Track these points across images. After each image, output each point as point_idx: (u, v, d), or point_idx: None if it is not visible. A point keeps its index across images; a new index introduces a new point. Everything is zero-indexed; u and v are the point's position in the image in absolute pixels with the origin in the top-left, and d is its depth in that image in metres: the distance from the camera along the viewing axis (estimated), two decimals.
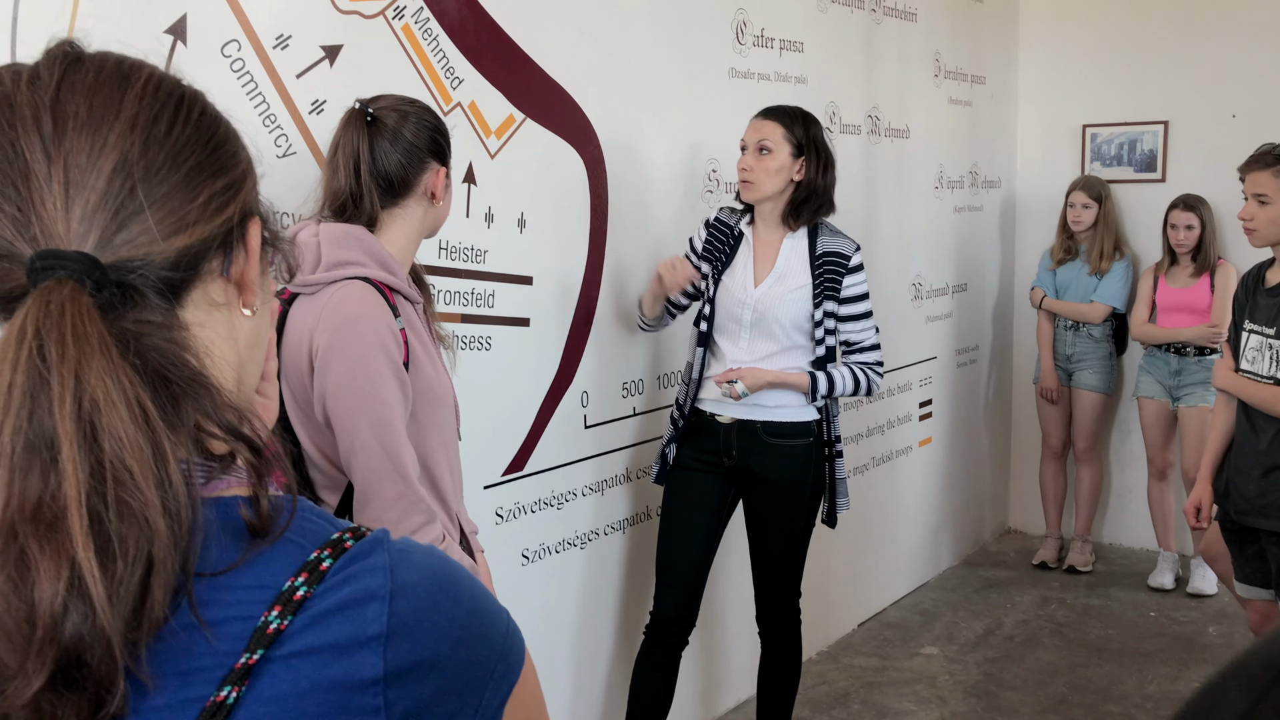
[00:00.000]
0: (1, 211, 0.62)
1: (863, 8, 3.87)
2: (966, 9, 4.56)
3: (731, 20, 3.26)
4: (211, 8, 1.97)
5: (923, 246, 4.37)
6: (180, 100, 0.68)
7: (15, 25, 1.71)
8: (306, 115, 2.14)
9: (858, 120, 3.89)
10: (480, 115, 2.52)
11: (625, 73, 2.89)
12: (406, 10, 2.32)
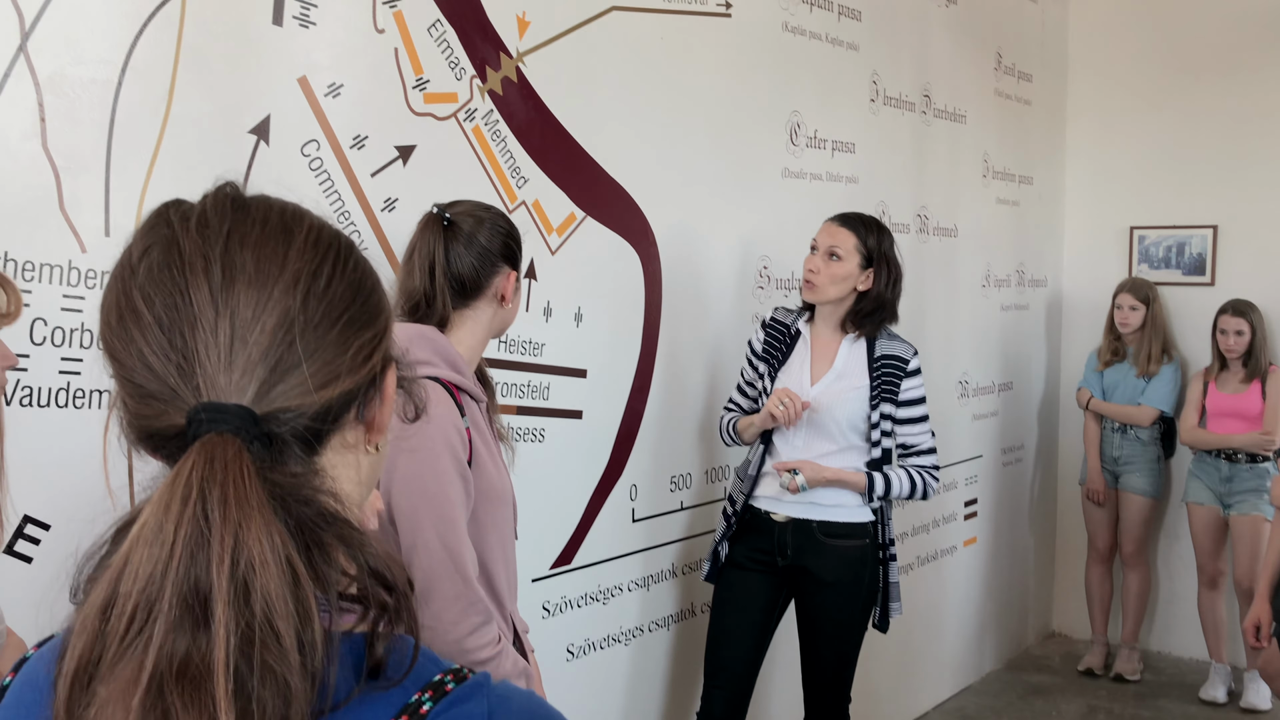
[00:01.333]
0: (168, 357, 0.65)
1: (913, 110, 3.93)
2: (1015, 111, 4.62)
3: (786, 122, 3.32)
4: (294, 109, 2.04)
5: (969, 344, 4.37)
6: (337, 253, 0.71)
7: (113, 124, 1.77)
8: (379, 212, 2.20)
9: (907, 219, 3.93)
10: (543, 213, 2.57)
11: (682, 172, 2.94)
12: (478, 113, 2.39)
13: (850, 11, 3.55)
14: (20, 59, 1.66)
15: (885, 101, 3.76)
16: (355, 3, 2.13)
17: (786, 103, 3.31)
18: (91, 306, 1.75)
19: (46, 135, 1.69)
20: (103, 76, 1.76)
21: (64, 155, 1.71)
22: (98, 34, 1.75)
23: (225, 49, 1.92)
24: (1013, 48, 4.57)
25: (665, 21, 2.86)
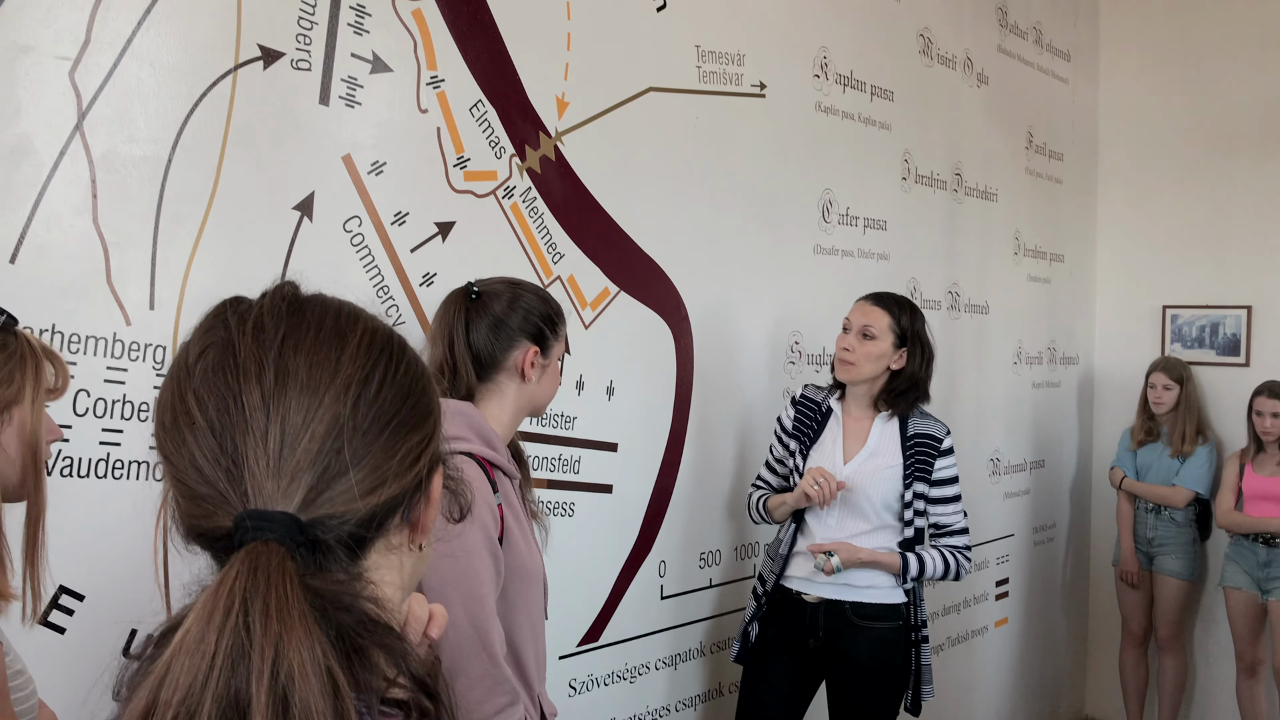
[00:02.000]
0: (218, 461, 0.66)
1: (945, 188, 3.95)
2: (1046, 189, 4.64)
3: (818, 199, 3.35)
4: (338, 186, 2.07)
5: (1001, 422, 4.34)
6: (390, 358, 0.72)
7: (161, 200, 1.81)
8: (417, 287, 2.23)
9: (938, 295, 3.93)
10: (577, 288, 2.59)
11: (716, 247, 2.96)
12: (516, 190, 2.43)
13: (883, 92, 3.59)
14: (76, 137, 1.70)
15: (917, 179, 3.79)
16: (400, 83, 2.18)
17: (819, 180, 3.34)
18: (134, 378, 1.78)
19: (98, 211, 1.73)
20: (154, 154, 1.80)
21: (113, 230, 1.75)
22: (151, 113, 1.79)
23: (273, 128, 1.96)
24: (1044, 127, 4.61)
25: (700, 101, 2.91)
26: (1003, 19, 4.29)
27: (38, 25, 1.66)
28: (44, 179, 1.67)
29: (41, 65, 1.66)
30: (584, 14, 2.56)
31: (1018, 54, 4.40)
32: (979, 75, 4.14)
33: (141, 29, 1.78)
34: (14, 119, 1.64)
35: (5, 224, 1.64)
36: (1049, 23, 4.63)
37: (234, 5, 1.90)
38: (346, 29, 2.07)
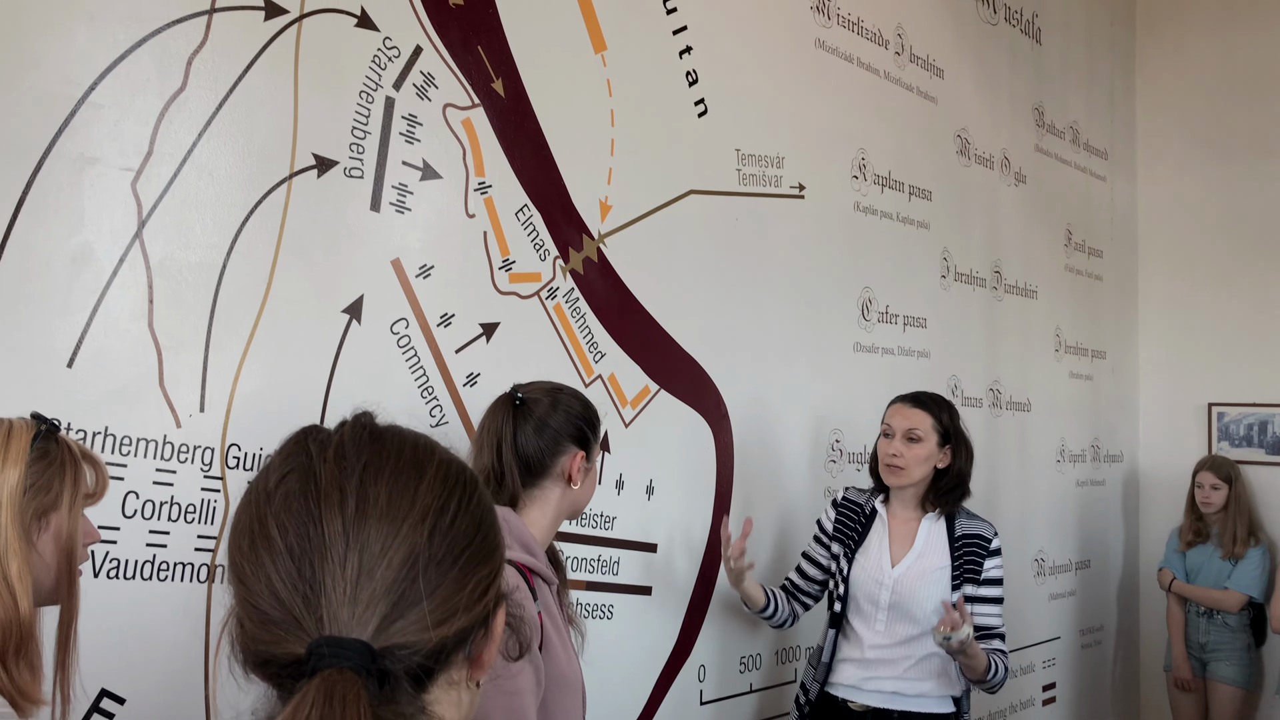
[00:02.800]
0: (295, 586, 0.67)
1: (984, 285, 3.96)
2: (1087, 286, 4.63)
3: (858, 298, 3.36)
4: (386, 289, 2.11)
5: (1045, 521, 4.27)
6: (464, 489, 0.73)
7: (214, 305, 1.85)
8: (461, 387, 2.25)
9: (979, 393, 3.90)
10: (618, 386, 2.60)
11: (755, 346, 2.97)
12: (559, 291, 2.46)
13: (921, 191, 3.63)
14: (136, 245, 1.75)
15: (956, 277, 3.80)
16: (449, 189, 2.23)
17: (859, 279, 3.36)
18: (182, 480, 1.80)
19: (153, 316, 1.77)
20: (209, 260, 1.85)
21: (167, 335, 1.78)
22: (207, 221, 1.85)
23: (325, 233, 2.01)
24: (1083, 224, 4.61)
25: (740, 203, 2.94)
26: (1039, 119, 4.33)
27: (104, 138, 1.72)
28: (103, 285, 1.72)
29: (106, 176, 1.72)
30: (627, 120, 2.62)
31: (1055, 153, 4.43)
32: (1017, 174, 4.17)
33: (202, 140, 1.84)
34: (78, 228, 1.69)
35: (65, 329, 1.68)
36: (1086, 122, 4.67)
37: (291, 116, 1.96)
38: (398, 138, 2.13)
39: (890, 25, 3.50)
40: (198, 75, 1.83)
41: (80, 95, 1.70)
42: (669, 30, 2.74)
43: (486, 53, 2.32)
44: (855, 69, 3.36)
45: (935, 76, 3.72)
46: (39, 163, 1.65)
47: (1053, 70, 4.45)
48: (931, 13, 3.71)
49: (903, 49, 3.56)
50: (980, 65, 3.98)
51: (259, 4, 1.92)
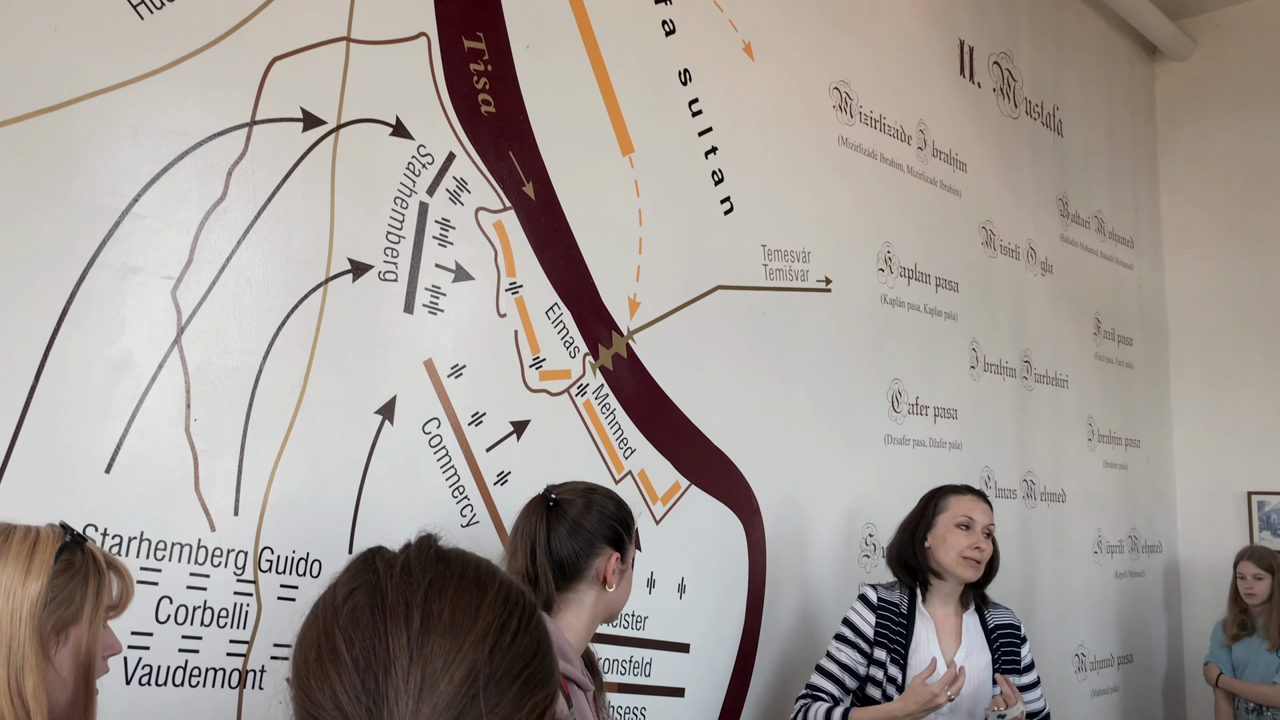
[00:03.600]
0: (359, 699, 0.68)
1: (1014, 375, 3.94)
2: (1117, 374, 4.60)
3: (887, 389, 3.35)
4: (418, 390, 2.13)
5: (1084, 614, 4.18)
6: (523, 611, 0.75)
7: (250, 408, 1.87)
8: (492, 486, 2.25)
9: (1013, 484, 3.86)
10: (648, 482, 2.60)
11: (785, 439, 2.96)
12: (589, 388, 2.47)
13: (947, 283, 3.64)
14: (174, 351, 1.78)
15: (986, 367, 3.79)
16: (481, 290, 2.26)
17: (888, 370, 3.36)
18: (215, 584, 1.80)
19: (190, 421, 1.79)
20: (245, 364, 1.87)
21: (204, 439, 1.80)
22: (244, 326, 1.88)
23: (359, 336, 2.04)
24: (1111, 312, 4.61)
25: (768, 298, 2.97)
26: (1064, 208, 4.36)
27: (146, 247, 1.76)
28: (142, 391, 1.74)
29: (147, 284, 1.76)
30: (655, 219, 2.66)
31: (1080, 242, 4.45)
32: (1043, 263, 4.18)
33: (240, 247, 1.88)
34: (119, 335, 1.72)
35: (104, 435, 1.70)
36: (1110, 211, 4.69)
37: (327, 222, 2.01)
38: (432, 241, 2.17)
39: (912, 121, 3.56)
40: (238, 185, 1.88)
41: (124, 206, 1.75)
42: (695, 131, 2.80)
43: (517, 157, 2.37)
44: (879, 164, 3.40)
45: (958, 170, 3.76)
46: (83, 272, 1.69)
47: (1075, 161, 4.49)
48: (952, 108, 3.77)
49: (925, 144, 3.61)
50: (1003, 158, 4.02)
51: (298, 115, 1.98)
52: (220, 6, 1.89)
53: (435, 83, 2.22)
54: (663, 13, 2.74)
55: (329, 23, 2.05)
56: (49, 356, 1.65)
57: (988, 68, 4.00)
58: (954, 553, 2.53)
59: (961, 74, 3.85)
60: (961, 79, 3.85)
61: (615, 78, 2.60)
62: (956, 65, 3.83)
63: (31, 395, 1.63)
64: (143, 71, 1.79)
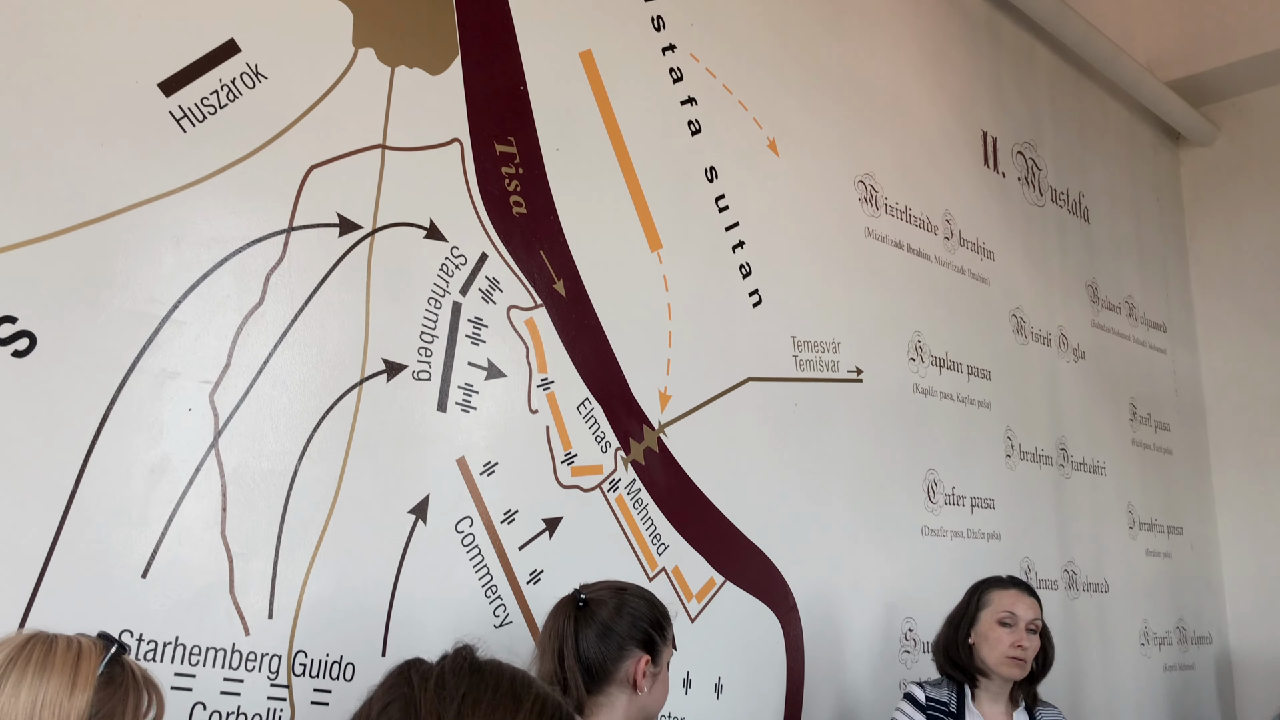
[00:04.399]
0: None
1: (1050, 463, 3.89)
2: (1156, 461, 4.53)
3: (923, 480, 3.31)
4: (451, 489, 2.13)
5: (1134, 710, 4.05)
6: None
7: (285, 510, 1.88)
8: (524, 585, 2.23)
9: (1054, 575, 3.78)
10: (683, 579, 2.57)
11: (820, 532, 2.93)
12: (621, 483, 2.46)
13: (979, 371, 3.63)
14: (211, 455, 1.80)
15: (1021, 456, 3.74)
16: (512, 386, 2.28)
17: (922, 460, 3.33)
18: (249, 689, 1.78)
19: (226, 524, 1.80)
20: (281, 467, 1.89)
21: (239, 542, 1.81)
22: (280, 429, 1.90)
23: (393, 436, 2.05)
24: (1147, 397, 4.56)
25: (798, 389, 2.96)
26: (1094, 295, 4.35)
27: (185, 353, 1.80)
28: (179, 495, 1.76)
29: (185, 389, 1.78)
30: (684, 313, 2.68)
31: (1112, 327, 4.43)
32: (1075, 350, 4.16)
33: (277, 351, 1.91)
34: (157, 440, 1.74)
35: (141, 540, 1.71)
36: (1141, 296, 4.68)
37: (362, 324, 2.04)
38: (464, 340, 2.20)
39: (938, 212, 3.59)
40: (275, 290, 1.92)
41: (164, 313, 1.78)
42: (722, 226, 2.83)
43: (548, 256, 2.41)
44: (906, 254, 3.42)
45: (986, 258, 3.77)
46: (124, 378, 1.72)
47: (1103, 247, 4.49)
48: (977, 198, 3.80)
49: (951, 234, 3.63)
50: (1030, 245, 4.03)
51: (334, 221, 2.02)
52: (260, 118, 1.95)
53: (468, 186, 2.27)
54: (688, 113, 2.80)
55: (365, 131, 2.11)
56: (89, 462, 1.67)
57: (1011, 157, 4.04)
58: (998, 651, 2.47)
59: (985, 164, 3.89)
60: (986, 169, 3.88)
61: (643, 176, 2.65)
62: (980, 156, 3.87)
63: (71, 500, 1.65)
64: (185, 182, 1.84)
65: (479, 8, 2.36)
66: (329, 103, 2.05)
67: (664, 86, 2.75)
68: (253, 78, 1.95)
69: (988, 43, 4.03)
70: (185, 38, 1.88)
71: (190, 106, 1.87)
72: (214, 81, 1.90)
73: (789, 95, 3.10)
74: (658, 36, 2.75)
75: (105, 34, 1.79)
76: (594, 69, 2.58)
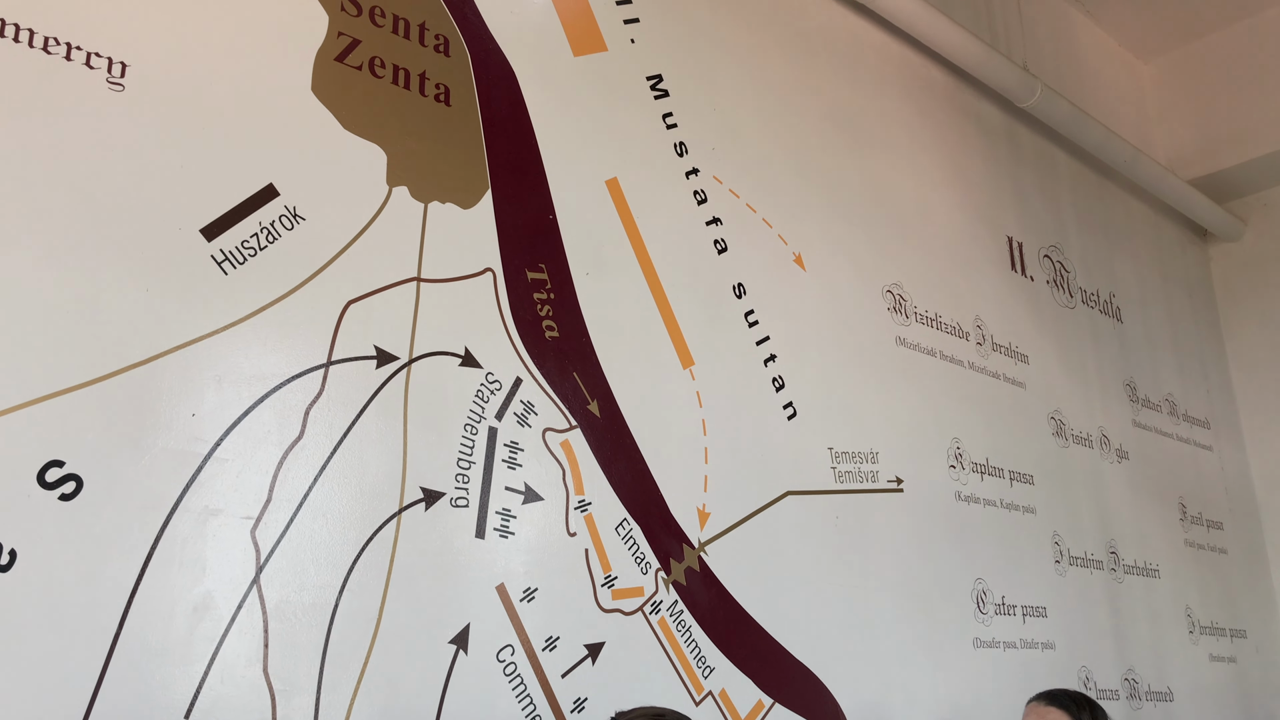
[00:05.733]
0: None
1: (1101, 567, 3.80)
2: (1211, 560, 4.41)
3: (971, 590, 3.25)
4: (492, 617, 2.11)
5: None
6: None
7: (327, 644, 1.87)
8: (569, 714, 2.19)
9: (1114, 684, 3.66)
10: (730, 703, 2.51)
11: (868, 648, 2.86)
12: (663, 605, 2.43)
13: (1022, 476, 3.58)
14: (253, 591, 1.80)
15: (1071, 561, 3.66)
16: (550, 510, 2.28)
17: (969, 570, 3.26)
18: None
19: (268, 661, 1.79)
20: (322, 600, 1.88)
21: (281, 679, 1.80)
22: (321, 561, 1.90)
23: (432, 564, 2.05)
24: (1196, 496, 4.47)
25: (838, 501, 2.93)
26: (1132, 394, 4.31)
27: (227, 489, 1.82)
28: (222, 633, 1.76)
29: (228, 526, 1.80)
30: (719, 429, 2.68)
31: (1155, 426, 4.37)
32: (1118, 450, 4.10)
33: (317, 484, 1.93)
34: (200, 577, 1.75)
35: (183, 679, 1.70)
36: (1181, 393, 4.63)
37: (400, 454, 2.06)
38: (501, 465, 2.21)
39: (968, 318, 3.60)
40: (314, 424, 1.95)
41: (207, 451, 1.81)
42: (752, 341, 2.86)
43: (581, 377, 2.43)
44: (939, 361, 3.42)
45: (1020, 362, 3.76)
46: (167, 517, 1.74)
47: (1138, 345, 4.47)
48: (1007, 302, 3.81)
49: (984, 339, 3.63)
50: (1064, 347, 4.02)
51: (372, 354, 2.07)
52: (299, 257, 2.01)
53: (501, 313, 2.31)
54: (714, 232, 2.85)
55: (400, 265, 2.17)
56: (133, 602, 1.68)
57: (1038, 261, 4.06)
58: None
59: (1013, 269, 3.91)
60: (1013, 273, 3.90)
61: (672, 295, 2.69)
62: (1007, 261, 3.89)
63: (116, 641, 1.66)
64: (226, 322, 1.89)
65: (507, 143, 2.45)
66: (365, 240, 2.12)
67: (689, 208, 2.82)
68: (291, 219, 2.02)
69: (1007, 150, 4.10)
70: (227, 184, 1.96)
71: (231, 250, 1.93)
72: (254, 225, 1.97)
73: (812, 211, 3.16)
74: (681, 161, 2.83)
75: (151, 183, 1.87)
76: (620, 195, 2.65)
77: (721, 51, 3.05)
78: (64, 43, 1.83)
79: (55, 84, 1.80)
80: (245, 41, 2.06)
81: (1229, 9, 4.87)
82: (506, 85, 2.49)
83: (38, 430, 1.66)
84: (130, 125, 1.87)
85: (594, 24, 2.74)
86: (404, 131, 2.25)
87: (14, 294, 1.69)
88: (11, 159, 1.73)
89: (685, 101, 2.89)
